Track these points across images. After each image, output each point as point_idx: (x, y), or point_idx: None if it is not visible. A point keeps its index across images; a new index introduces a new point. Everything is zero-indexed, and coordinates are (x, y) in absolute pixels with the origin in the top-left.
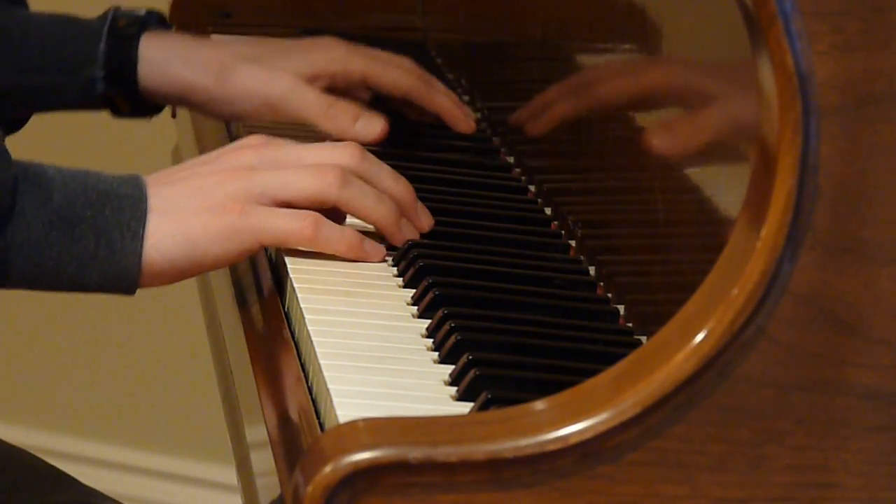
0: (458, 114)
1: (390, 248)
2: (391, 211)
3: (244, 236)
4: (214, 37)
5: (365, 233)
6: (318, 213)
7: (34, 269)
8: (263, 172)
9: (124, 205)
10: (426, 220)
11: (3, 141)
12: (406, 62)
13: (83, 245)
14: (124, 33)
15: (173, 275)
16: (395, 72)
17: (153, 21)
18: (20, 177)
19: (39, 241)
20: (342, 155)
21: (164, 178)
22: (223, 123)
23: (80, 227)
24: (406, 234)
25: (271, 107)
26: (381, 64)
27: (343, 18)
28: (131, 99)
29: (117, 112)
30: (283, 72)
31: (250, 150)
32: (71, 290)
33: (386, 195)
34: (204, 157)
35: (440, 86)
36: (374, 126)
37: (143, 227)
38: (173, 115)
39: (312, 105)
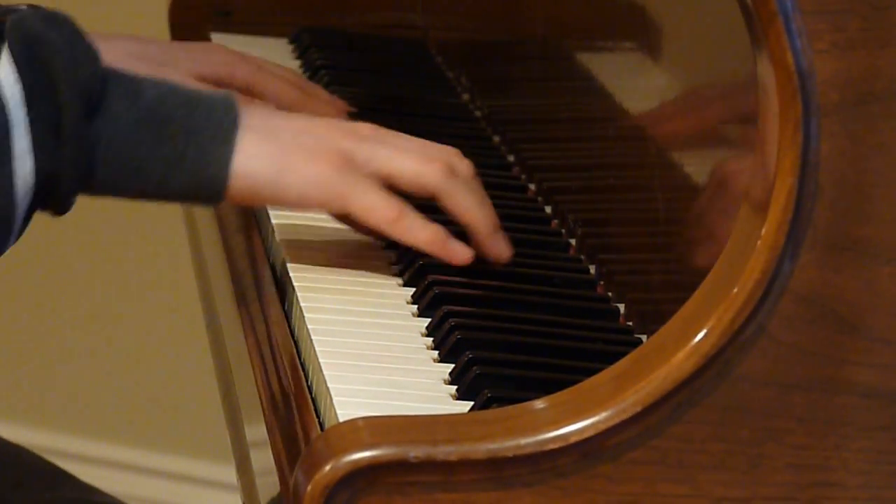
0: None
1: (390, 247)
2: (489, 218)
3: (332, 193)
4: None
5: None
6: (408, 204)
7: (122, 167)
8: (373, 142)
9: (217, 110)
10: (509, 248)
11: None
12: (290, 74)
13: (173, 144)
14: None
15: (252, 197)
16: (278, 83)
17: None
18: (110, 74)
19: (128, 137)
20: (451, 153)
21: (268, 109)
22: None
23: (170, 125)
24: (502, 243)
25: None
26: (265, 74)
27: (343, 17)
28: None
29: None
30: (174, 69)
31: (366, 127)
32: (157, 196)
33: (488, 202)
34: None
35: (324, 95)
36: None
37: (234, 138)
38: None
39: None
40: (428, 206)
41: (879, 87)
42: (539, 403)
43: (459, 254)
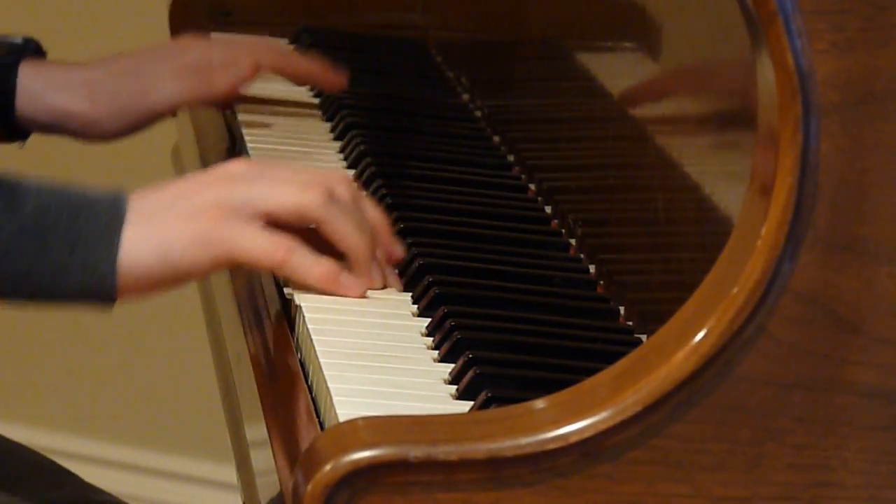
0: (327, 74)
1: None
2: (367, 245)
3: (217, 247)
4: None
5: None
6: (295, 240)
7: (6, 277)
8: (248, 183)
9: (100, 213)
10: (399, 251)
11: None
12: (263, 41)
13: (57, 253)
14: (2, 62)
15: (149, 285)
16: (252, 57)
17: (30, 49)
18: None
19: (10, 249)
20: (331, 179)
21: (150, 190)
22: (223, 122)
23: (53, 234)
24: (375, 273)
25: (150, 114)
26: (242, 51)
27: (343, 16)
28: (6, 126)
29: None
30: (152, 75)
31: (240, 164)
32: (49, 301)
33: (367, 226)
34: (191, 174)
35: (299, 55)
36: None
37: (119, 236)
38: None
39: (189, 97)
40: None
41: (879, 87)
42: (539, 403)
43: (352, 288)
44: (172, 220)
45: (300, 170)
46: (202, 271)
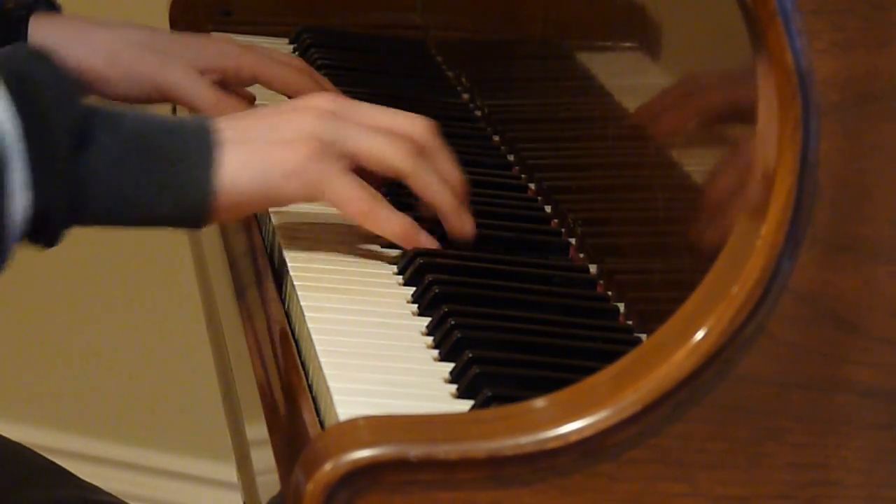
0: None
1: (390, 246)
2: (452, 197)
3: (312, 180)
4: (105, 21)
5: None
6: (379, 193)
7: (112, 197)
8: (342, 121)
9: (195, 133)
10: (470, 221)
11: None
12: (297, 62)
13: (158, 171)
14: (13, 15)
15: (241, 207)
16: (285, 71)
17: (41, 3)
18: (93, 108)
19: (116, 169)
20: (419, 126)
21: (238, 115)
22: None
23: (153, 154)
24: (467, 220)
25: (161, 92)
26: (272, 63)
27: (343, 16)
28: None
29: None
30: (175, 59)
31: (327, 98)
32: (147, 223)
33: (450, 179)
34: (282, 102)
35: (328, 84)
36: None
37: (216, 157)
38: (173, 111)
39: (202, 96)
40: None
41: (879, 86)
42: (539, 402)
43: (429, 245)
44: (270, 146)
45: (392, 116)
46: (294, 200)
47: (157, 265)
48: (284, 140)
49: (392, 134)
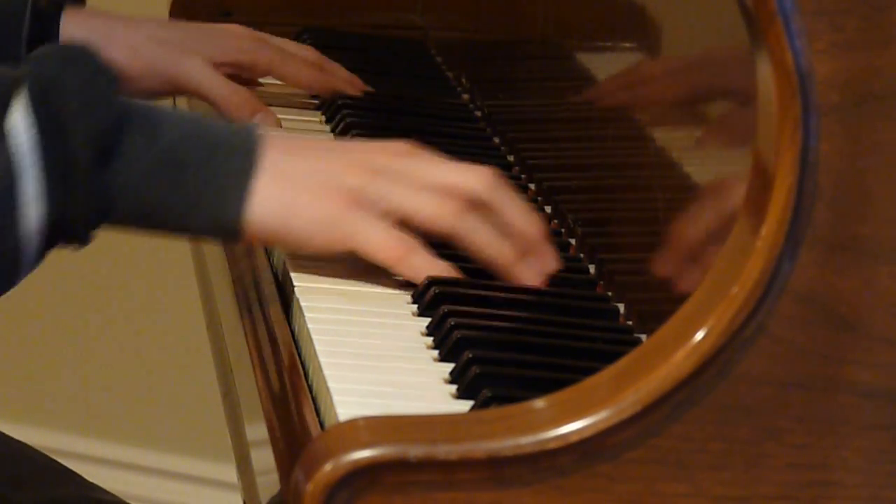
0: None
1: None
2: (509, 249)
3: (338, 233)
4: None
5: None
6: (416, 240)
7: (138, 209)
8: (387, 180)
9: (236, 155)
10: (552, 262)
11: (113, 81)
12: (311, 53)
13: (190, 189)
14: (46, 13)
15: (261, 238)
16: (298, 66)
17: None
18: (128, 114)
19: (145, 182)
20: (475, 180)
21: (287, 144)
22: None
23: (188, 170)
24: (527, 273)
25: (175, 86)
26: (286, 59)
27: (343, 16)
28: None
29: None
30: (193, 53)
31: (387, 155)
32: (176, 232)
33: (513, 229)
34: (337, 143)
35: (343, 73)
36: (268, 121)
37: (250, 181)
38: (173, 103)
39: (216, 89)
40: None
41: (879, 87)
42: (539, 403)
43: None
44: (304, 190)
45: (447, 165)
46: (314, 248)
47: (157, 265)
48: (320, 187)
49: (442, 191)
